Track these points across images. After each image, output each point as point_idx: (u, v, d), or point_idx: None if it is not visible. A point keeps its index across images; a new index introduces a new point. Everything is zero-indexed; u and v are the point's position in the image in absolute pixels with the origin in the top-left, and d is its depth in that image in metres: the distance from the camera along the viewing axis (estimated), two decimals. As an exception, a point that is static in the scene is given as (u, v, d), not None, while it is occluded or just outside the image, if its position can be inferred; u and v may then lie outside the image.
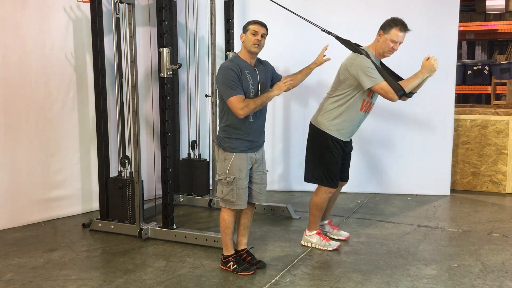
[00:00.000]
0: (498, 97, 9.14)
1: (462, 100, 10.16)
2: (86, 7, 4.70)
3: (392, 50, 3.80)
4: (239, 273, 3.53)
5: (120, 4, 4.30)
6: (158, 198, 4.62)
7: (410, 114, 5.59)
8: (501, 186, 5.77)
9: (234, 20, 5.07)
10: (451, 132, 5.65)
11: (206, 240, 4.09)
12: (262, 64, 3.62)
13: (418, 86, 3.81)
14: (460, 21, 5.73)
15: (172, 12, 5.18)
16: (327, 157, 3.90)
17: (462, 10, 6.83)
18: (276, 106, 5.74)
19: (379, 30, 3.83)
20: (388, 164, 5.72)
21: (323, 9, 5.61)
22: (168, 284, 3.39)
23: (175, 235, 4.21)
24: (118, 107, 4.51)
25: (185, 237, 4.17)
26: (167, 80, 4.15)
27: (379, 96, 3.87)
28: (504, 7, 9.35)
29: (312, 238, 4.06)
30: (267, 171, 3.71)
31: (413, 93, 3.86)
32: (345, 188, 5.74)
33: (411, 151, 5.66)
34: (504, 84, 8.73)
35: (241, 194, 3.47)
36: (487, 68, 9.16)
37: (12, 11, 4.47)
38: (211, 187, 5.40)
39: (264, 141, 3.65)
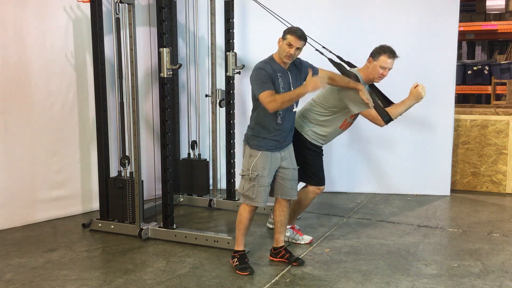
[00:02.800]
0: (498, 97, 9.14)
1: (462, 100, 10.15)
2: (86, 7, 4.70)
3: (382, 76, 3.91)
4: (237, 271, 3.55)
5: (120, 4, 4.30)
6: (158, 198, 4.62)
7: (410, 114, 5.55)
8: (501, 186, 5.76)
9: (234, 20, 5.07)
10: (451, 132, 5.65)
11: (206, 240, 4.09)
12: (296, 66, 3.61)
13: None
14: (460, 21, 5.73)
15: (172, 12, 5.18)
16: (309, 157, 3.99)
17: (462, 10, 6.83)
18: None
19: (368, 57, 3.93)
20: (388, 164, 5.72)
21: (323, 9, 5.61)
22: (168, 284, 3.39)
23: (175, 235, 4.21)
24: (118, 107, 4.51)
25: (185, 237, 4.17)
26: (167, 80, 4.15)
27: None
28: (504, 7, 9.36)
29: (286, 232, 4.15)
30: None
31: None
32: (345, 188, 5.79)
33: (411, 151, 5.66)
34: (504, 84, 8.73)
35: (261, 192, 3.53)
36: (487, 68, 9.16)
37: (12, 11, 4.47)
38: (211, 187, 5.40)
39: (291, 140, 3.69)
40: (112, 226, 4.44)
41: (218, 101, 5.08)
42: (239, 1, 5.43)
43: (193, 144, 5.36)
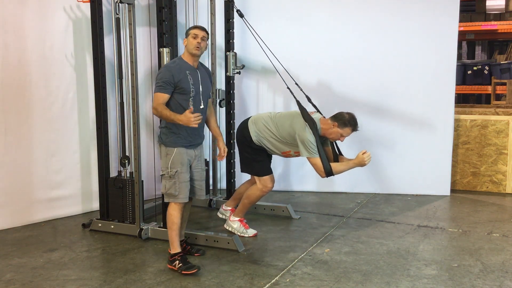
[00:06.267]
0: (498, 97, 9.14)
1: (462, 100, 10.16)
2: (86, 7, 4.70)
3: (338, 140, 4.12)
4: (183, 272, 3.53)
5: (120, 4, 4.30)
6: (158, 198, 4.62)
7: (410, 114, 5.59)
8: (501, 186, 5.76)
9: (234, 20, 5.07)
10: (451, 132, 5.65)
11: (206, 240, 4.09)
12: (204, 69, 3.83)
13: None
14: (460, 21, 5.73)
15: (172, 12, 5.15)
16: (253, 151, 4.23)
17: (462, 10, 6.83)
18: (276, 106, 5.73)
19: (333, 121, 4.05)
20: (388, 164, 5.72)
21: (322, 8, 5.61)
22: (168, 284, 3.39)
23: (175, 235, 4.20)
24: (118, 107, 4.51)
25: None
26: (167, 80, 4.15)
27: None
28: (504, 7, 9.37)
29: (233, 224, 4.36)
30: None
31: None
32: (345, 188, 5.79)
33: (411, 151, 5.66)
34: (504, 84, 8.74)
35: (182, 187, 3.64)
36: (487, 68, 9.16)
37: (12, 11, 4.47)
38: (211, 187, 5.40)
39: (202, 141, 3.84)
40: (112, 226, 4.44)
41: (218, 101, 5.08)
42: (239, 1, 5.43)
43: (193, 144, 5.36)
